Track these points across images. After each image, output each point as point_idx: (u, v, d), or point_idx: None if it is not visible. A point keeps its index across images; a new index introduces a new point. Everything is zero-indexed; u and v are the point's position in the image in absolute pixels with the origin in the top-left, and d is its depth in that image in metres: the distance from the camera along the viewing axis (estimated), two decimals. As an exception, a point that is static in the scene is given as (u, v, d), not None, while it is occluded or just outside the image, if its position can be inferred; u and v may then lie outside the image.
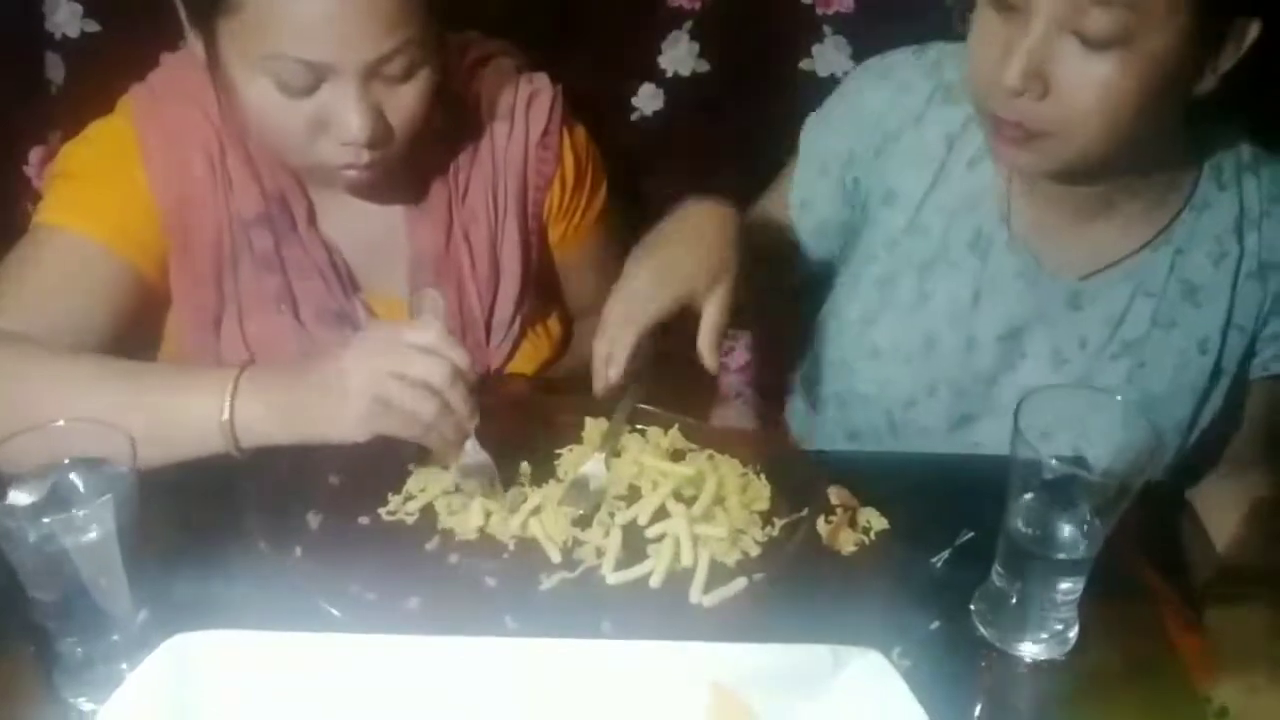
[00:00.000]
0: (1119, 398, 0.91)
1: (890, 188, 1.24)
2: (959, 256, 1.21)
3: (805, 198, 1.31)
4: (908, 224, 1.23)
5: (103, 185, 1.17)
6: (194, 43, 1.12)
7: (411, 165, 1.21)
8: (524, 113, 1.28)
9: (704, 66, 1.54)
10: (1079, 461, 0.88)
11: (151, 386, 1.04)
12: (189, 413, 1.00)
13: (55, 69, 1.44)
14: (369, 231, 1.25)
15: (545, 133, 1.29)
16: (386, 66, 1.07)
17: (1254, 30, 1.02)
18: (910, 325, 1.24)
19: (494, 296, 1.29)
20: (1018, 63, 1.00)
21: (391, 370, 0.96)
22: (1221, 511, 1.27)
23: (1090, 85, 1.00)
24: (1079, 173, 1.10)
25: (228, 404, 0.99)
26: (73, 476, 0.85)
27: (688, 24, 1.51)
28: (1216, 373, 1.19)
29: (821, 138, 1.30)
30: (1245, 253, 1.17)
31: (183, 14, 1.11)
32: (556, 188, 1.31)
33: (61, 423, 0.85)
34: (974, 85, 1.09)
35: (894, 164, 1.23)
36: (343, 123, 1.08)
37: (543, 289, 1.36)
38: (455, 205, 1.26)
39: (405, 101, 1.11)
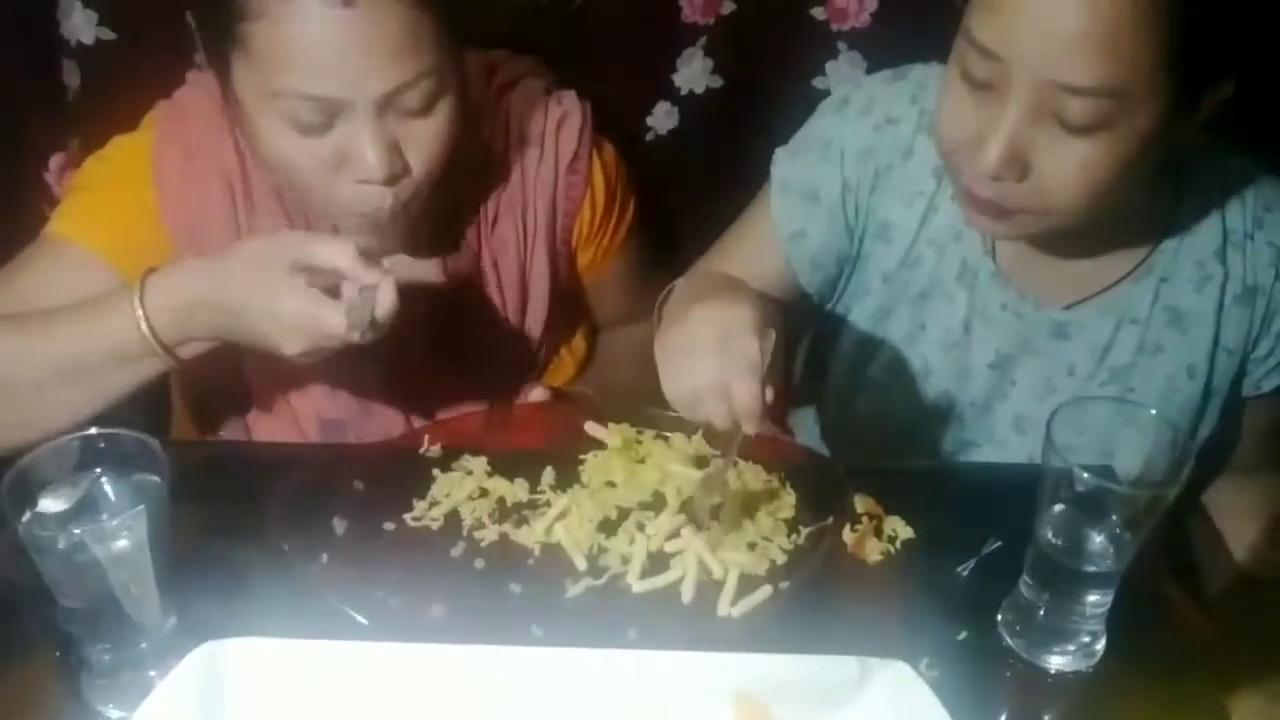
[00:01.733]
0: (1152, 411, 0.90)
1: (884, 222, 1.22)
2: (951, 288, 1.21)
3: (798, 229, 1.26)
4: (902, 257, 1.22)
5: (112, 200, 1.17)
6: (211, 80, 1.10)
7: (438, 193, 1.16)
8: (554, 138, 1.25)
9: (718, 83, 1.54)
10: (1109, 473, 0.88)
11: (61, 321, 1.06)
12: (110, 337, 1.03)
13: (71, 75, 1.44)
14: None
15: (575, 157, 1.26)
16: (402, 100, 1.03)
17: (1228, 87, 0.99)
18: (906, 356, 1.24)
19: (522, 322, 1.28)
20: (996, 149, 0.96)
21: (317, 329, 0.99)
22: (1234, 515, 1.26)
23: (1071, 166, 0.97)
24: (1055, 232, 1.08)
25: (142, 318, 1.02)
26: (104, 485, 0.85)
27: (702, 40, 1.50)
28: (1207, 394, 1.19)
29: (804, 169, 1.25)
30: (1230, 276, 1.15)
31: (201, 53, 1.10)
32: (586, 212, 1.29)
33: (94, 430, 0.85)
34: (943, 153, 1.06)
35: (887, 199, 1.22)
36: (359, 160, 1.04)
37: (567, 307, 1.34)
38: (484, 233, 1.25)
39: (425, 137, 1.06)
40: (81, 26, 1.41)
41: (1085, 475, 0.84)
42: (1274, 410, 1.24)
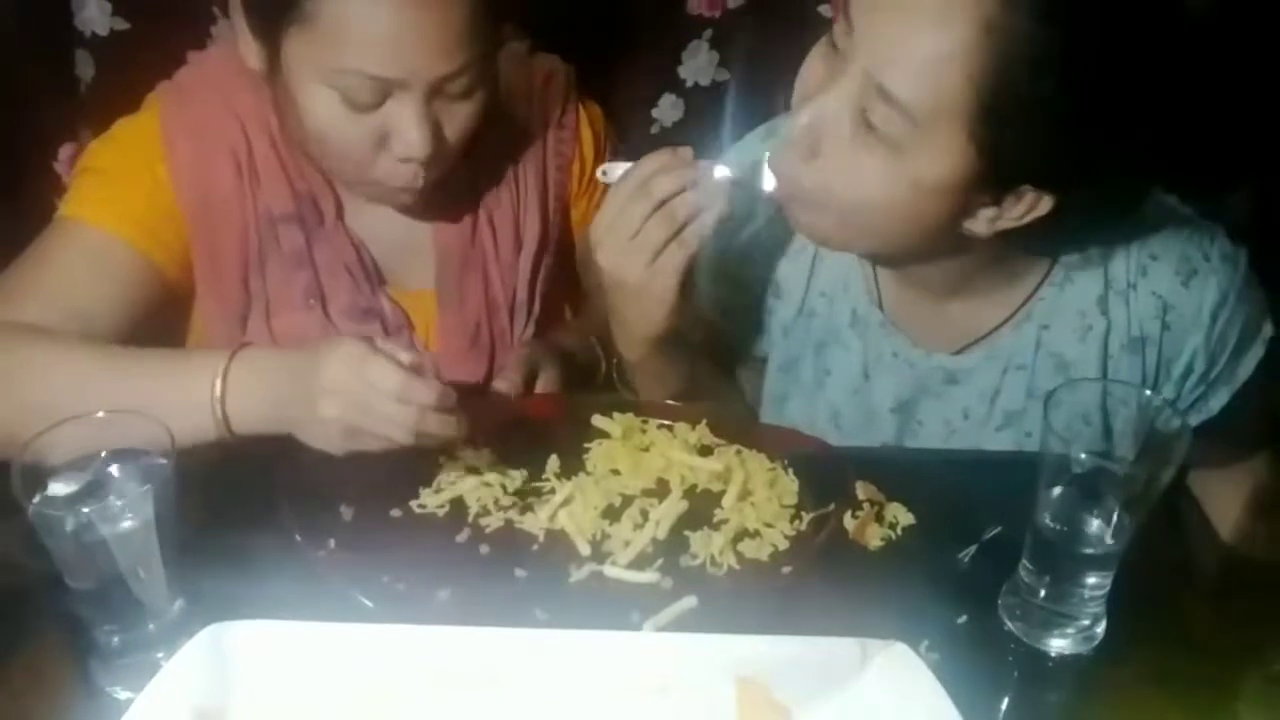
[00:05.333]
0: (1147, 391, 0.91)
1: (775, 280, 1.24)
2: (846, 336, 1.22)
3: (716, 301, 1.27)
4: (798, 309, 1.24)
5: (125, 182, 1.18)
6: (250, 50, 1.11)
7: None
8: (541, 95, 1.30)
9: (724, 76, 1.54)
10: (1107, 455, 0.89)
11: (146, 368, 1.06)
12: (182, 392, 1.02)
13: (85, 66, 1.45)
14: (396, 227, 1.26)
15: (563, 113, 1.30)
16: (451, 84, 1.08)
17: (1046, 205, 0.96)
18: (816, 401, 1.25)
19: (515, 276, 1.31)
20: (797, 92, 0.99)
21: (361, 407, 0.95)
22: (1219, 495, 1.25)
23: (853, 169, 0.96)
24: (889, 259, 1.08)
25: (219, 383, 1.01)
26: (112, 467, 0.86)
27: (707, 33, 1.50)
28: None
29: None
30: (1112, 326, 1.13)
31: (242, 21, 1.11)
32: (576, 166, 1.33)
33: (101, 414, 0.86)
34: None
35: (773, 258, 1.23)
36: (403, 138, 1.08)
37: (560, 269, 1.37)
38: (480, 190, 1.28)
39: (461, 119, 1.12)
40: (96, 18, 1.43)
41: (1083, 457, 0.85)
42: (1216, 435, 1.20)
